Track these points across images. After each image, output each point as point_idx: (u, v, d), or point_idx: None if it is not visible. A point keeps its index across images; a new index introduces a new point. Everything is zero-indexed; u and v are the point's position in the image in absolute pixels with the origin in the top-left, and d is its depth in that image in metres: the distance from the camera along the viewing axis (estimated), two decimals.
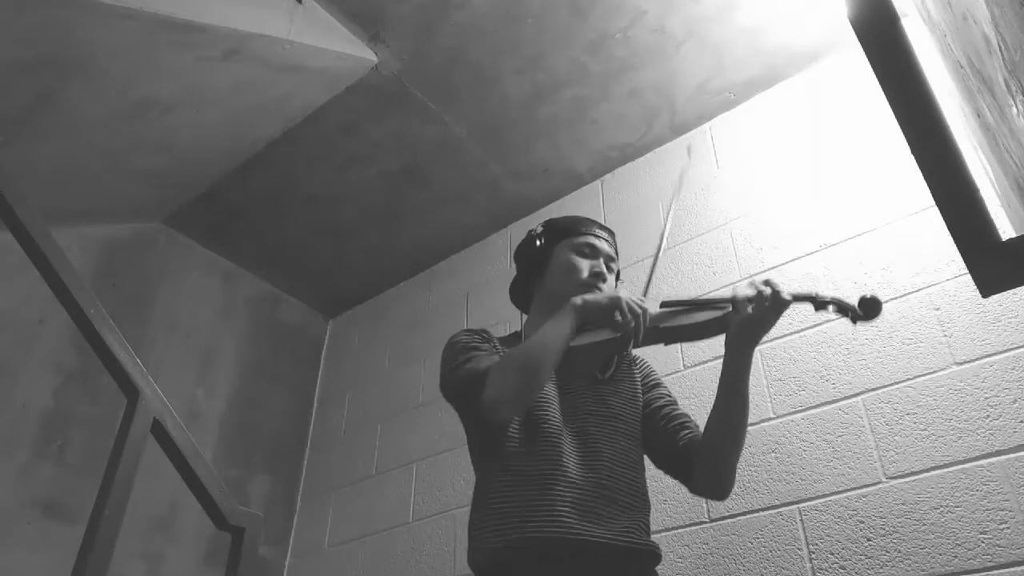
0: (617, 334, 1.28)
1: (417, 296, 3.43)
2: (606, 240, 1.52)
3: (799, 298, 1.24)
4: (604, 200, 2.93)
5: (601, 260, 1.48)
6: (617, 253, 1.55)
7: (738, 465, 1.32)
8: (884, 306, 1.21)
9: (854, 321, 1.23)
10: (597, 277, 1.45)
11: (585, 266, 1.46)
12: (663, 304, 1.37)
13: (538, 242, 1.52)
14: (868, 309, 1.20)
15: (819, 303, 1.24)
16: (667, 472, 1.40)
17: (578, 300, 1.28)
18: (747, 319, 1.23)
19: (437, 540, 2.62)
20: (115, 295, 2.86)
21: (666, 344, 1.34)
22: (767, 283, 1.23)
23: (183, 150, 2.73)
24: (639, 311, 1.23)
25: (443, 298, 3.30)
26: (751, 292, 1.23)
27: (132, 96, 2.37)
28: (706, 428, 1.31)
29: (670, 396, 1.47)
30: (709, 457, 1.30)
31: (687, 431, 1.37)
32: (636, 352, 1.51)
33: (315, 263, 3.45)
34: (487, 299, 3.08)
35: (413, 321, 3.35)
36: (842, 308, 1.22)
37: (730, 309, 1.26)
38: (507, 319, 2.86)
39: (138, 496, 1.31)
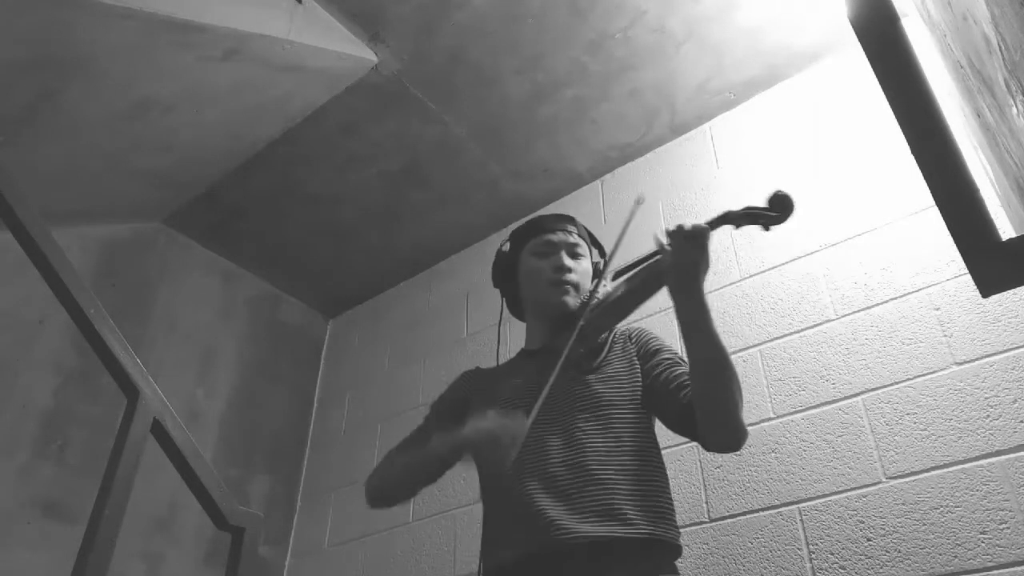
0: (582, 322, 1.30)
1: (417, 296, 3.43)
2: (563, 230, 1.51)
3: (713, 224, 1.23)
4: (604, 200, 2.93)
5: (562, 253, 1.47)
6: (583, 235, 1.54)
7: (740, 415, 1.24)
8: (789, 196, 1.18)
9: (766, 227, 1.21)
10: (560, 271, 1.45)
11: (546, 266, 1.46)
12: (614, 276, 1.37)
13: (504, 259, 1.57)
14: (778, 206, 1.18)
15: (734, 218, 1.23)
16: (681, 434, 1.34)
17: (439, 439, 1.33)
18: (674, 263, 1.22)
19: (437, 540, 2.62)
20: (115, 295, 2.86)
21: (626, 314, 1.33)
22: (677, 225, 1.22)
23: (183, 150, 2.73)
24: (487, 438, 1.21)
25: (443, 298, 3.30)
26: (665, 239, 1.23)
27: (132, 96, 2.37)
28: (691, 382, 1.26)
29: (671, 358, 1.39)
30: (704, 408, 1.24)
31: (688, 388, 1.30)
32: (639, 327, 1.51)
33: (315, 263, 3.45)
34: (487, 299, 3.08)
35: (413, 321, 3.35)
36: (752, 216, 1.21)
37: (659, 256, 1.26)
38: (507, 319, 2.86)
39: (138, 496, 1.31)
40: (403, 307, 3.46)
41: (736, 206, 1.24)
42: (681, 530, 2.08)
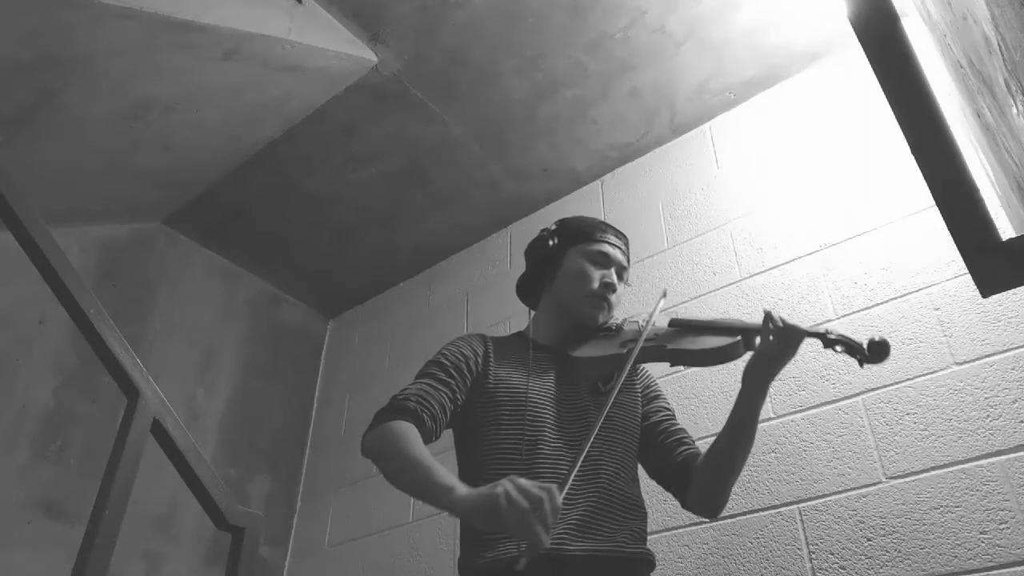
0: (622, 350, 1.30)
1: (417, 296, 3.43)
2: (619, 248, 1.50)
3: (810, 332, 1.25)
4: (604, 200, 2.93)
5: (612, 270, 1.47)
6: (628, 260, 1.54)
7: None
8: (888, 344, 1.21)
9: (861, 364, 1.23)
10: (607, 288, 1.44)
11: (596, 276, 1.44)
12: (671, 323, 1.37)
13: (551, 242, 1.50)
14: (875, 352, 1.21)
15: (828, 341, 1.25)
16: (661, 484, 1.41)
17: (461, 494, 1.08)
18: (764, 350, 1.23)
19: (437, 540, 2.62)
20: (115, 295, 2.86)
21: (671, 365, 1.35)
22: (782, 320, 1.23)
23: (183, 150, 2.73)
24: (524, 506, 0.99)
25: (443, 298, 3.29)
26: (764, 324, 1.24)
27: (132, 96, 2.37)
28: (710, 450, 1.32)
29: (669, 409, 1.47)
30: (708, 479, 1.32)
31: (684, 447, 1.38)
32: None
33: (315, 263, 3.45)
34: (487, 299, 3.08)
35: (413, 321, 3.35)
36: (850, 349, 1.23)
37: (739, 338, 1.26)
38: (507, 318, 2.86)
39: (138, 496, 1.31)
40: (403, 307, 3.45)
41: (840, 329, 1.28)
42: (681, 530, 2.10)
